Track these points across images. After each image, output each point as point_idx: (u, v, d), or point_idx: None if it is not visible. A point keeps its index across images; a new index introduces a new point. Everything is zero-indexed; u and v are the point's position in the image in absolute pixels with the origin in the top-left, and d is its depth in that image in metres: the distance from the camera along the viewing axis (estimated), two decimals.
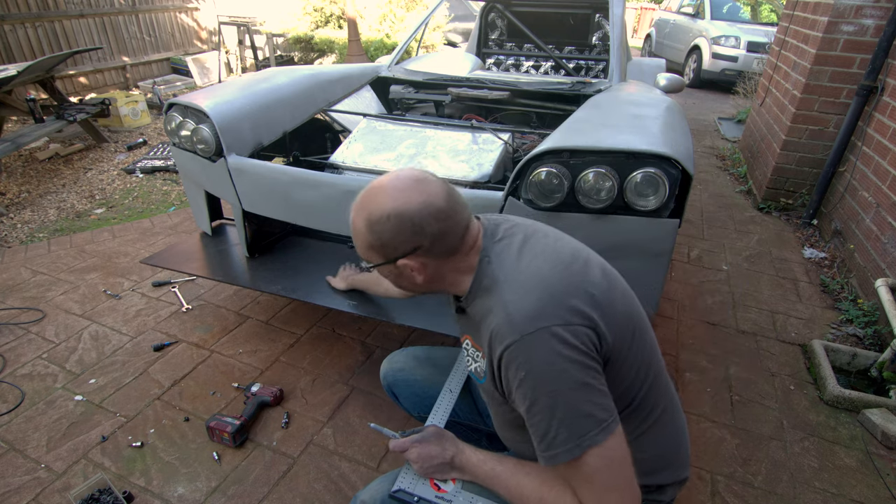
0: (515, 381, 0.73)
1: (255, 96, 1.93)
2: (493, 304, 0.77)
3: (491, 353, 0.77)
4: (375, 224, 0.79)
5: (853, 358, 2.03)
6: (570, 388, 0.70)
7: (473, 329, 0.86)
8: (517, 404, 0.76)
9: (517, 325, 0.72)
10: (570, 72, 3.24)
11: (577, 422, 0.70)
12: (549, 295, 0.74)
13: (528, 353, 0.71)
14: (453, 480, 0.88)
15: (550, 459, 0.72)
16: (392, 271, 0.84)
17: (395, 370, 1.22)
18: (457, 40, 7.96)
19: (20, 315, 2.18)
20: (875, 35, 2.82)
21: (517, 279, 0.77)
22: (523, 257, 0.80)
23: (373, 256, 0.83)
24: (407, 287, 0.88)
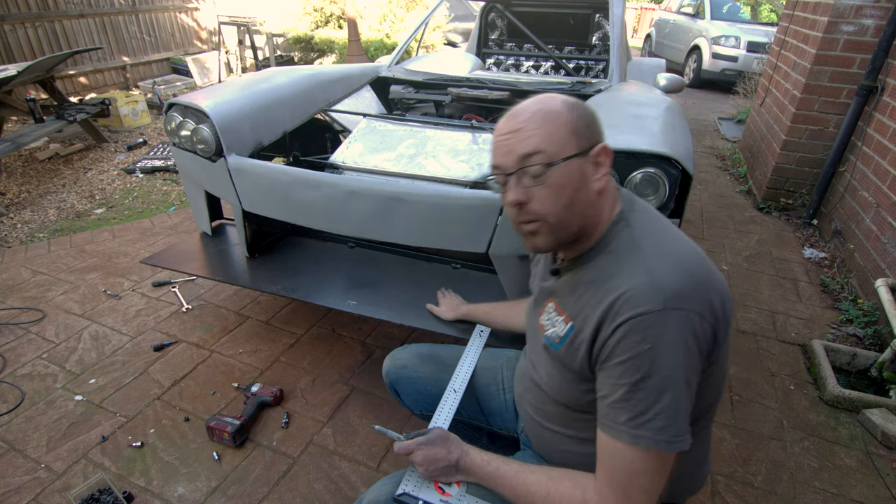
0: (630, 351, 0.69)
1: (255, 96, 1.93)
2: (631, 268, 0.72)
3: (606, 315, 0.71)
4: (574, 106, 0.75)
5: (853, 358, 2.03)
6: (683, 380, 0.68)
7: (567, 291, 0.82)
8: (613, 375, 0.71)
9: (665, 296, 0.67)
10: (570, 72, 3.24)
11: (677, 418, 0.68)
12: (695, 280, 0.70)
13: (663, 327, 0.67)
14: (457, 484, 0.87)
15: (633, 438, 0.69)
16: (582, 171, 0.75)
17: (397, 367, 1.20)
18: (457, 40, 7.96)
19: (20, 315, 2.18)
20: (875, 35, 2.82)
21: (665, 251, 0.73)
22: (667, 234, 0.76)
23: (569, 144, 0.74)
24: (579, 206, 0.76)
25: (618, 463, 0.72)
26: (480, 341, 1.28)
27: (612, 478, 0.73)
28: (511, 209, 0.79)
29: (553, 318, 0.85)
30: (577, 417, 0.86)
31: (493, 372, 1.17)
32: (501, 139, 0.78)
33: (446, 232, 1.56)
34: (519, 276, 1.58)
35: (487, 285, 1.77)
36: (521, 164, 0.75)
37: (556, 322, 0.84)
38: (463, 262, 1.88)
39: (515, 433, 1.13)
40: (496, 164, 0.80)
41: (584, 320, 0.77)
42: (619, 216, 0.78)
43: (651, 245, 0.74)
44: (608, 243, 0.77)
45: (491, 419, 1.16)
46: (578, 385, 0.80)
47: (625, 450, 0.71)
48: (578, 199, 0.76)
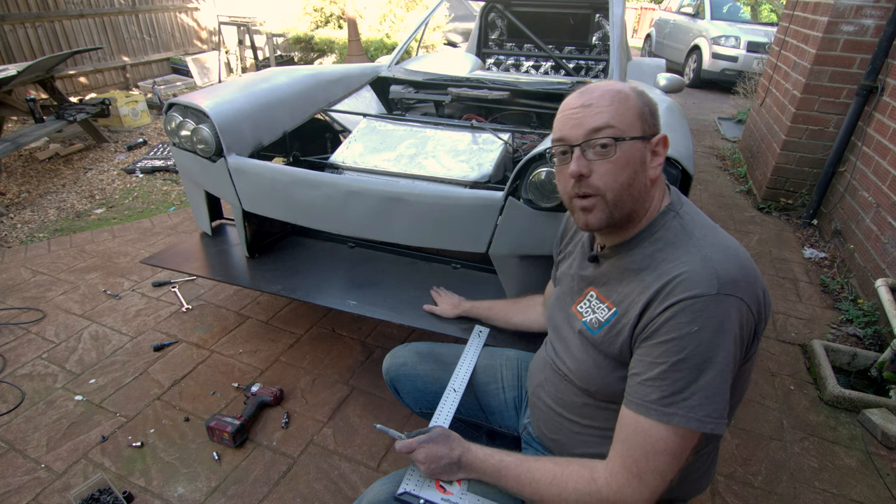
0: (676, 332, 0.69)
1: (255, 96, 1.93)
2: (684, 254, 0.74)
3: (656, 296, 0.72)
4: (642, 94, 0.78)
5: (853, 358, 2.03)
6: (723, 365, 0.69)
7: (609, 278, 0.84)
8: (651, 354, 0.72)
9: (720, 281, 0.69)
10: (570, 72, 3.24)
11: (714, 399, 0.69)
12: (747, 272, 0.72)
13: (714, 311, 0.68)
14: (458, 482, 0.87)
15: (663, 416, 0.69)
16: (642, 153, 0.78)
17: (397, 365, 1.21)
18: (457, 40, 7.96)
19: (20, 315, 2.18)
20: (875, 35, 2.82)
21: (717, 242, 0.75)
22: (715, 228, 0.78)
23: (636, 128, 0.77)
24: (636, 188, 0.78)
25: (639, 440, 0.72)
26: (480, 341, 1.28)
27: (628, 456, 0.73)
28: (569, 182, 0.80)
29: (595, 304, 0.85)
30: (599, 407, 0.86)
31: (493, 371, 1.18)
32: (570, 112, 0.79)
33: (446, 232, 1.56)
34: (519, 275, 1.58)
35: (487, 285, 1.77)
36: (589, 137, 0.77)
37: (597, 308, 0.85)
38: (463, 262, 1.88)
39: (515, 432, 1.14)
40: (561, 136, 0.81)
41: (629, 305, 0.77)
42: (669, 207, 0.81)
43: (703, 235, 0.76)
44: (654, 231, 0.79)
45: (490, 417, 1.17)
46: (612, 372, 0.80)
47: (651, 427, 0.71)
48: (636, 180, 0.78)
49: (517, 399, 1.14)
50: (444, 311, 1.55)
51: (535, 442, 1.03)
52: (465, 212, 1.51)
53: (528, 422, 1.07)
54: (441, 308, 1.56)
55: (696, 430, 0.70)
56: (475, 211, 1.50)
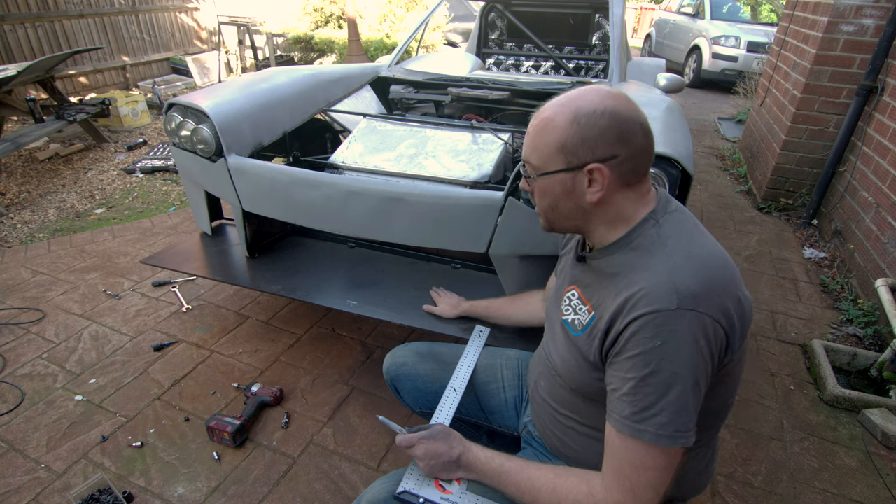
0: (641, 346, 0.70)
1: (255, 96, 1.93)
2: (651, 265, 0.74)
3: (622, 309, 0.73)
4: (584, 117, 0.74)
5: (853, 358, 2.03)
6: (691, 379, 0.69)
7: (591, 280, 0.84)
8: (622, 369, 0.73)
9: (679, 296, 0.69)
10: (570, 72, 3.24)
11: (682, 414, 0.70)
12: (714, 284, 0.72)
13: (675, 326, 0.69)
14: (458, 481, 0.87)
15: (635, 431, 0.71)
16: (565, 184, 0.78)
17: (397, 364, 1.21)
18: (457, 40, 7.96)
19: (20, 315, 2.18)
20: (875, 35, 2.82)
21: (689, 253, 0.74)
22: (695, 238, 0.78)
23: (555, 160, 0.77)
24: (563, 211, 0.81)
25: (624, 457, 0.73)
26: (480, 341, 1.28)
27: (619, 472, 0.74)
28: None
29: (576, 304, 0.86)
30: (587, 406, 0.87)
31: (493, 370, 1.18)
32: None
33: (446, 232, 1.56)
34: (519, 275, 1.58)
35: (487, 285, 1.77)
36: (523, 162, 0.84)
37: (578, 309, 0.85)
38: (463, 262, 1.88)
39: (515, 431, 1.14)
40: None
41: (603, 311, 0.78)
42: (650, 216, 0.79)
43: (676, 245, 0.75)
44: (633, 239, 0.79)
45: (490, 417, 1.17)
46: (591, 373, 0.81)
47: (630, 444, 0.72)
48: (563, 205, 0.81)
49: (517, 399, 1.14)
50: (444, 312, 1.55)
51: (535, 441, 1.03)
52: (465, 212, 1.51)
53: (529, 420, 1.07)
54: (440, 308, 1.57)
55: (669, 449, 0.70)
56: (475, 211, 1.50)
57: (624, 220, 0.80)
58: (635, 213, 0.80)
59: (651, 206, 0.81)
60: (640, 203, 0.80)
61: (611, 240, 0.81)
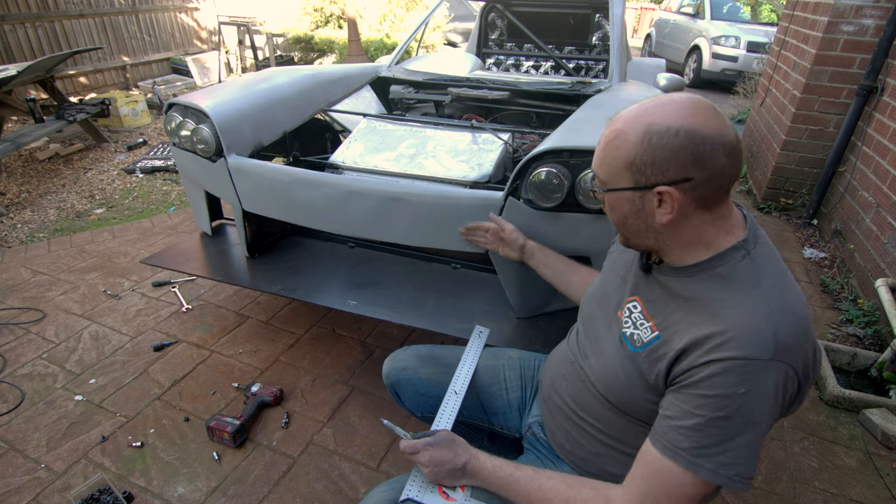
0: (721, 389, 0.66)
1: (255, 96, 1.93)
2: (744, 302, 0.69)
3: (703, 343, 0.69)
4: (656, 135, 0.69)
5: (853, 358, 2.03)
6: (762, 427, 0.67)
7: (658, 296, 0.79)
8: (690, 404, 0.69)
9: (777, 347, 0.65)
10: (570, 72, 3.24)
11: (746, 458, 0.67)
12: (804, 337, 0.69)
13: (765, 377, 0.65)
14: (462, 488, 0.86)
15: (691, 464, 0.68)
16: (633, 202, 0.74)
17: (398, 369, 1.19)
18: (457, 40, 7.96)
19: (20, 315, 2.18)
20: (875, 35, 2.82)
21: (784, 298, 0.69)
22: (786, 279, 0.72)
23: (622, 178, 0.73)
24: (632, 228, 0.77)
25: (661, 482, 0.71)
26: (480, 342, 1.27)
27: (647, 494, 0.72)
28: None
29: (637, 318, 0.82)
30: (617, 418, 0.84)
31: (496, 371, 1.17)
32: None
33: (446, 232, 1.56)
34: (519, 276, 1.58)
35: (487, 285, 1.77)
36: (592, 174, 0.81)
37: (639, 324, 0.81)
38: (463, 262, 1.88)
39: (518, 433, 1.13)
40: None
41: (672, 334, 0.74)
42: (741, 244, 0.73)
43: (772, 286, 0.70)
44: (717, 266, 0.73)
45: (493, 419, 1.15)
46: (645, 394, 0.78)
47: (676, 472, 0.69)
48: (631, 223, 0.77)
49: (521, 400, 1.13)
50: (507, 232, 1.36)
51: (539, 443, 1.02)
52: (465, 212, 1.51)
53: (533, 421, 1.06)
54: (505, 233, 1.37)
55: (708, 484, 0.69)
56: (475, 211, 1.50)
57: (703, 244, 0.74)
58: (716, 237, 0.74)
59: (738, 232, 0.75)
60: (721, 227, 0.74)
61: (688, 262, 0.76)
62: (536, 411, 1.08)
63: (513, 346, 1.41)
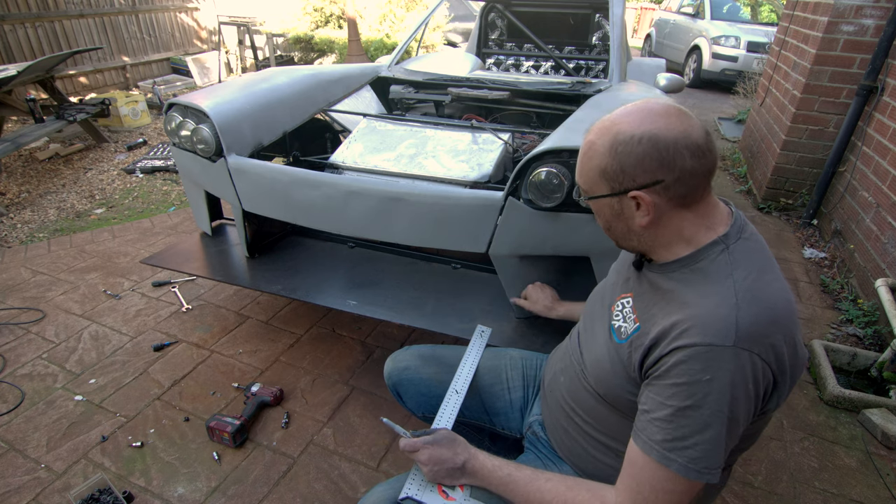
0: (687, 377, 0.68)
1: (255, 96, 1.93)
2: (711, 292, 0.71)
3: (669, 331, 0.71)
4: (621, 145, 0.72)
5: (853, 358, 2.03)
6: (730, 417, 0.68)
7: (644, 291, 0.82)
8: (662, 395, 0.71)
9: (738, 334, 0.67)
10: (570, 72, 3.24)
11: (714, 451, 0.68)
12: (775, 328, 0.69)
13: (728, 364, 0.66)
14: (461, 487, 0.86)
15: (664, 458, 0.69)
16: (613, 207, 0.78)
17: (399, 369, 1.19)
18: (457, 40, 7.96)
19: (20, 315, 2.18)
20: (875, 35, 2.82)
21: (754, 289, 0.71)
22: (765, 274, 0.73)
23: (599, 186, 0.77)
24: (617, 232, 0.81)
25: (646, 478, 0.72)
26: (482, 341, 1.27)
27: (636, 492, 0.73)
28: None
29: (627, 312, 0.84)
30: (608, 413, 0.85)
31: (497, 371, 1.17)
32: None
33: (446, 232, 1.56)
34: (519, 276, 1.58)
35: (487, 285, 1.77)
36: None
37: (627, 318, 0.83)
38: (463, 262, 1.88)
39: (518, 433, 1.13)
40: None
41: (650, 326, 0.76)
42: (721, 239, 0.75)
43: (744, 278, 0.71)
44: (698, 261, 0.75)
45: (494, 419, 1.15)
46: (625, 384, 0.80)
47: (655, 467, 0.71)
48: (615, 227, 0.81)
49: (522, 400, 1.13)
50: (539, 311, 1.36)
51: (539, 443, 1.02)
52: (465, 212, 1.51)
53: (534, 420, 1.07)
54: (536, 307, 1.37)
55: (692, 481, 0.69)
56: (475, 211, 1.50)
57: (684, 241, 0.76)
58: (697, 233, 0.76)
59: (720, 228, 0.76)
60: (703, 224, 0.76)
61: (671, 258, 0.78)
62: (538, 410, 1.08)
63: (513, 345, 1.42)
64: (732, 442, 0.70)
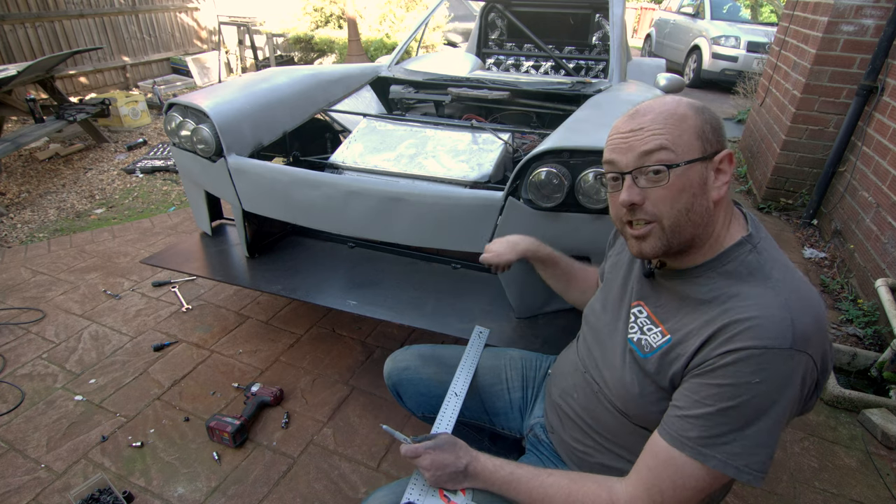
0: (735, 379, 0.65)
1: (255, 96, 1.93)
2: (760, 294, 0.68)
3: (718, 335, 0.68)
4: (701, 110, 0.71)
5: (853, 358, 2.03)
6: (776, 418, 0.66)
7: (666, 301, 0.78)
8: (699, 394, 0.68)
9: (795, 336, 0.64)
10: (570, 72, 3.24)
11: (757, 450, 0.66)
12: (821, 326, 0.67)
13: (782, 367, 0.64)
14: (463, 492, 0.85)
15: (699, 455, 0.67)
16: (701, 175, 0.71)
17: (399, 369, 1.18)
18: (457, 40, 7.96)
19: (20, 315, 2.18)
20: (875, 35, 2.82)
21: (797, 288, 0.69)
22: (794, 270, 0.72)
23: (693, 149, 0.70)
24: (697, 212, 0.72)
25: (669, 473, 0.70)
26: (480, 342, 1.27)
27: (652, 484, 0.71)
28: (620, 209, 0.75)
29: (643, 322, 0.81)
30: (633, 430, 0.83)
31: (497, 371, 1.17)
32: (620, 136, 0.74)
33: (446, 232, 1.56)
34: (519, 276, 1.58)
35: (487, 285, 1.77)
36: (640, 163, 0.71)
37: (646, 329, 0.80)
38: (463, 262, 1.88)
39: (519, 434, 1.13)
40: (611, 159, 0.75)
41: (686, 335, 0.73)
42: (747, 239, 0.74)
43: (782, 277, 0.70)
44: (725, 263, 0.73)
45: (495, 419, 1.15)
46: (658, 401, 0.76)
47: (684, 462, 0.69)
48: (696, 205, 0.72)
49: (522, 400, 1.13)
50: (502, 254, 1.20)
51: (541, 445, 1.02)
52: (465, 212, 1.51)
53: (536, 422, 1.06)
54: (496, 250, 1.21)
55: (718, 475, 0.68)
56: (475, 211, 1.50)
57: (714, 238, 0.74)
58: (722, 232, 0.74)
59: (745, 227, 0.76)
60: (726, 221, 0.75)
61: (698, 261, 0.75)
62: (539, 412, 1.08)
63: (513, 345, 1.42)
64: (776, 442, 0.68)
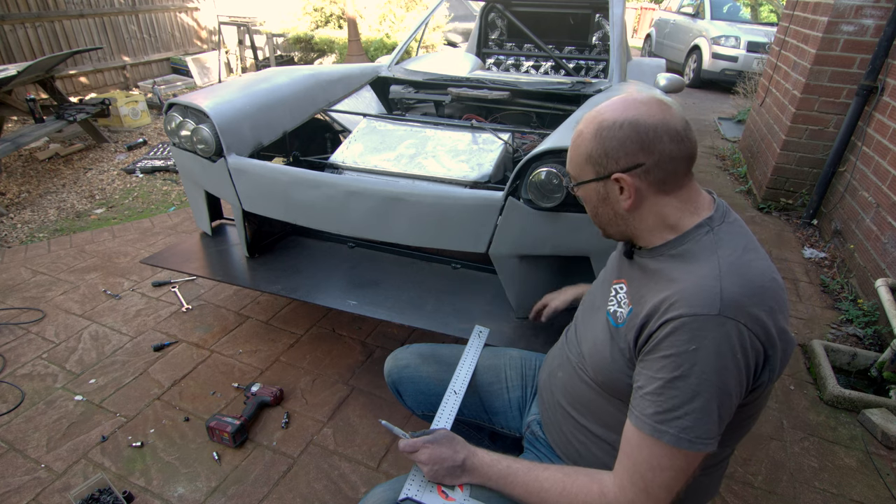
0: (675, 348, 0.70)
1: (255, 96, 1.93)
2: (699, 268, 0.73)
3: (659, 307, 0.73)
4: (605, 130, 0.77)
5: (853, 358, 2.03)
6: (720, 387, 0.69)
7: (637, 276, 0.84)
8: (652, 368, 0.72)
9: (723, 303, 0.68)
10: (570, 72, 3.24)
11: (705, 420, 0.69)
12: (760, 300, 0.70)
13: (713, 332, 0.68)
14: (461, 487, 0.86)
15: (656, 431, 0.70)
16: (599, 192, 0.82)
17: (399, 367, 1.20)
18: (457, 40, 7.96)
19: (20, 315, 2.18)
20: (875, 35, 2.82)
21: (740, 264, 0.73)
22: (748, 252, 0.76)
23: (586, 171, 0.81)
24: (603, 217, 0.85)
25: (641, 456, 0.73)
26: (480, 341, 1.27)
27: (633, 471, 0.73)
28: None
29: (622, 298, 0.86)
30: (606, 404, 0.86)
31: (497, 370, 1.17)
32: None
33: (446, 232, 1.56)
34: (519, 276, 1.59)
35: (487, 285, 1.77)
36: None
37: (623, 303, 0.85)
38: (463, 262, 1.88)
39: (518, 432, 1.13)
40: None
41: (641, 306, 0.78)
42: (705, 222, 0.78)
43: (728, 255, 0.74)
44: (684, 242, 0.78)
45: (494, 418, 1.16)
46: (624, 369, 0.81)
47: (648, 443, 0.72)
48: (602, 213, 0.85)
49: (521, 399, 1.14)
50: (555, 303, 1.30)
51: (538, 442, 1.02)
52: (465, 212, 1.51)
53: (533, 420, 1.07)
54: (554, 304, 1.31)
55: (688, 452, 0.70)
56: (475, 211, 1.50)
57: (668, 227, 0.79)
58: (681, 219, 0.79)
59: (705, 213, 0.80)
60: (686, 209, 0.79)
61: (657, 243, 0.81)
62: (536, 410, 1.09)
63: (513, 345, 1.42)
64: (727, 412, 0.71)
